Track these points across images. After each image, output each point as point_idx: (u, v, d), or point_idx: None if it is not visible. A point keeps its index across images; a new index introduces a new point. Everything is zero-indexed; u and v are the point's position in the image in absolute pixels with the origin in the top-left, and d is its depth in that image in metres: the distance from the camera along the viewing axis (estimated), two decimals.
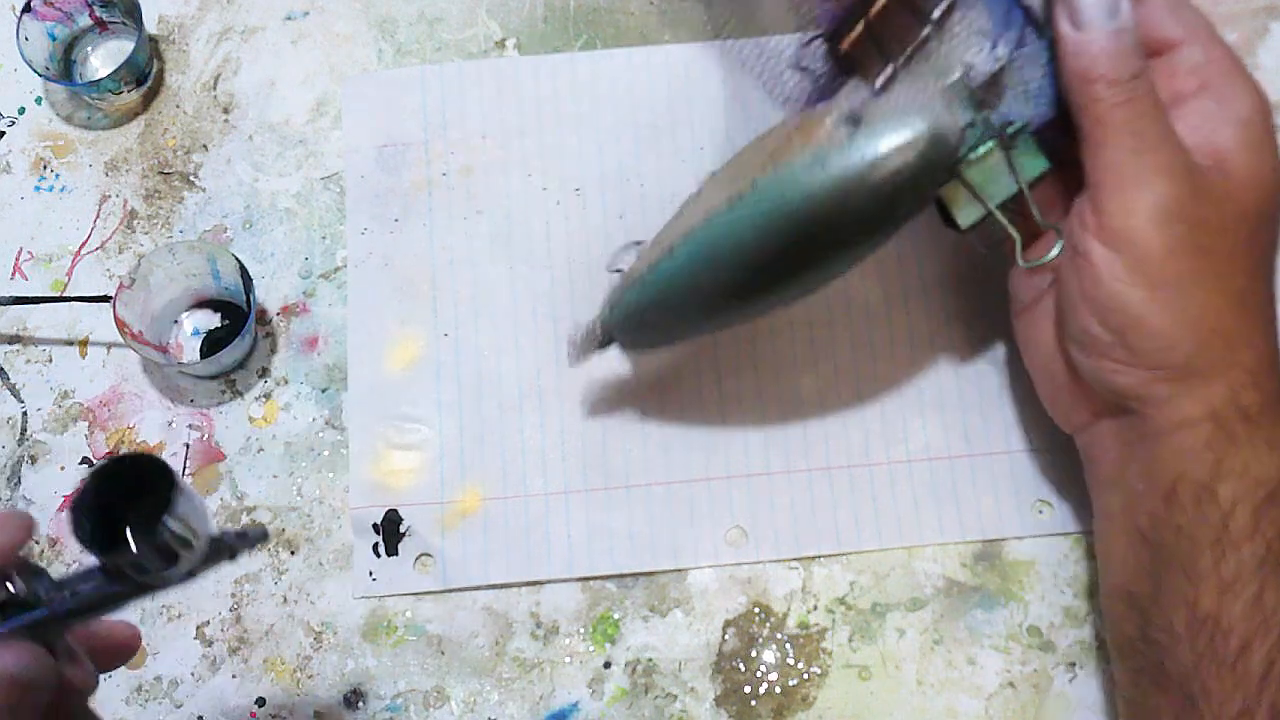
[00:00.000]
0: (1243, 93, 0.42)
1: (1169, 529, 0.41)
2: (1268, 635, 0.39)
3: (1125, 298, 0.41)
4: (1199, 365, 0.41)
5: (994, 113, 0.42)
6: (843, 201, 0.42)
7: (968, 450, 0.52)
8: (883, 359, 0.54)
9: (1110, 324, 0.41)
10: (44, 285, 0.56)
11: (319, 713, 0.50)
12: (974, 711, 0.49)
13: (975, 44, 0.42)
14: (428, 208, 0.56)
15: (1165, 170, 0.40)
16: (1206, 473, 0.41)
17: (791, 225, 0.43)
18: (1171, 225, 0.40)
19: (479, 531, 0.52)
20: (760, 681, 0.50)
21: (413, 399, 0.53)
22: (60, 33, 0.58)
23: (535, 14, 0.59)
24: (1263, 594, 0.39)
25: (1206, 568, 0.40)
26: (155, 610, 0.51)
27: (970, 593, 0.51)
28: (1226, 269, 0.41)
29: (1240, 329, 0.41)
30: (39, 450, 0.54)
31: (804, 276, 0.45)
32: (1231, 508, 0.40)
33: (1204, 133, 0.42)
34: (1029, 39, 0.42)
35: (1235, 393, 0.41)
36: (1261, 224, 0.42)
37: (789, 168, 0.42)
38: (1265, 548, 0.39)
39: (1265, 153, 0.42)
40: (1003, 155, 0.42)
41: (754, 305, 0.46)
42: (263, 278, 0.55)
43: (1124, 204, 0.40)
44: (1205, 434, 0.41)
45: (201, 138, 0.58)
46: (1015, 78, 0.42)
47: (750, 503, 0.52)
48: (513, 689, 0.50)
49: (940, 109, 0.41)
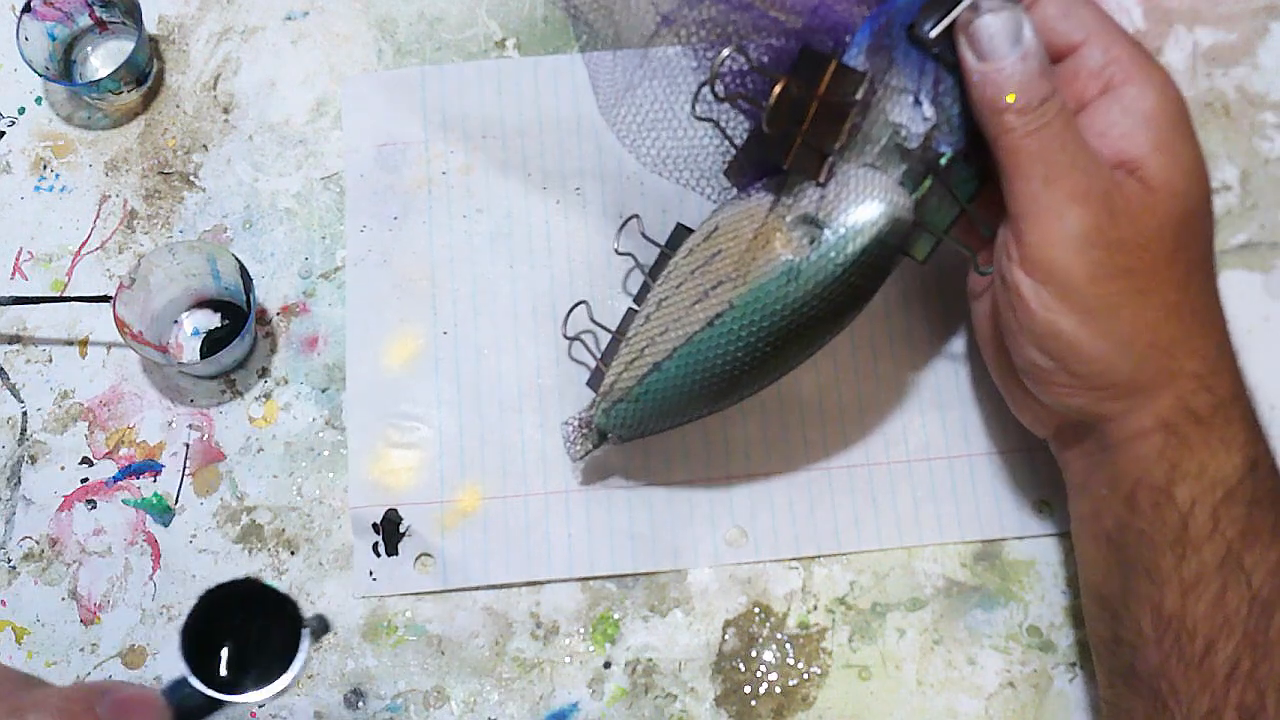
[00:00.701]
0: (1146, 88, 0.42)
1: (1132, 532, 0.41)
2: (1231, 634, 0.39)
3: (1057, 325, 0.41)
4: (1143, 381, 0.41)
5: (927, 152, 0.42)
6: (820, 304, 0.43)
7: (968, 450, 0.52)
8: (883, 359, 0.54)
9: (1048, 351, 0.42)
10: (44, 285, 0.56)
11: (319, 713, 0.50)
12: (974, 711, 0.49)
13: (900, 106, 0.42)
14: (427, 206, 0.56)
15: (1079, 197, 0.40)
16: (1163, 476, 0.41)
17: (774, 334, 0.44)
18: (1091, 252, 0.40)
19: (479, 531, 0.52)
20: (760, 681, 0.50)
21: (412, 397, 0.53)
22: (60, 33, 0.58)
23: (535, 14, 0.59)
24: (1225, 594, 0.39)
25: (1168, 569, 0.40)
26: (155, 610, 0.51)
27: (970, 593, 0.51)
28: (1154, 284, 0.41)
29: (1180, 339, 0.41)
30: (39, 450, 0.54)
31: (790, 365, 0.47)
32: (1190, 509, 0.40)
33: (1112, 139, 0.41)
34: (944, 76, 0.42)
35: (1184, 399, 0.41)
36: (1185, 229, 0.41)
37: (763, 285, 0.44)
38: (1225, 548, 0.40)
39: (1178, 151, 0.41)
40: (941, 185, 0.43)
41: (744, 395, 0.48)
42: (263, 278, 0.55)
43: (1042, 235, 0.40)
44: (1159, 442, 0.41)
45: (201, 138, 0.58)
46: (941, 115, 0.42)
47: (750, 503, 0.52)
48: (513, 689, 0.50)
49: (890, 185, 0.42)
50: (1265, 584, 0.39)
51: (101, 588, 0.52)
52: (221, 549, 0.52)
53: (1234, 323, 0.54)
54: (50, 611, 0.51)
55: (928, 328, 0.54)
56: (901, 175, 0.43)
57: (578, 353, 0.53)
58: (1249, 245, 0.55)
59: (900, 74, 0.42)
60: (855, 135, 0.42)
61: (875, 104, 0.42)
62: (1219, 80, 0.58)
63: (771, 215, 0.44)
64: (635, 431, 0.49)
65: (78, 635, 0.51)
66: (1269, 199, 0.56)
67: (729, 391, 0.47)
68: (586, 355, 0.52)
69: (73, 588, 0.52)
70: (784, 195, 0.44)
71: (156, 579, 0.52)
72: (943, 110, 0.42)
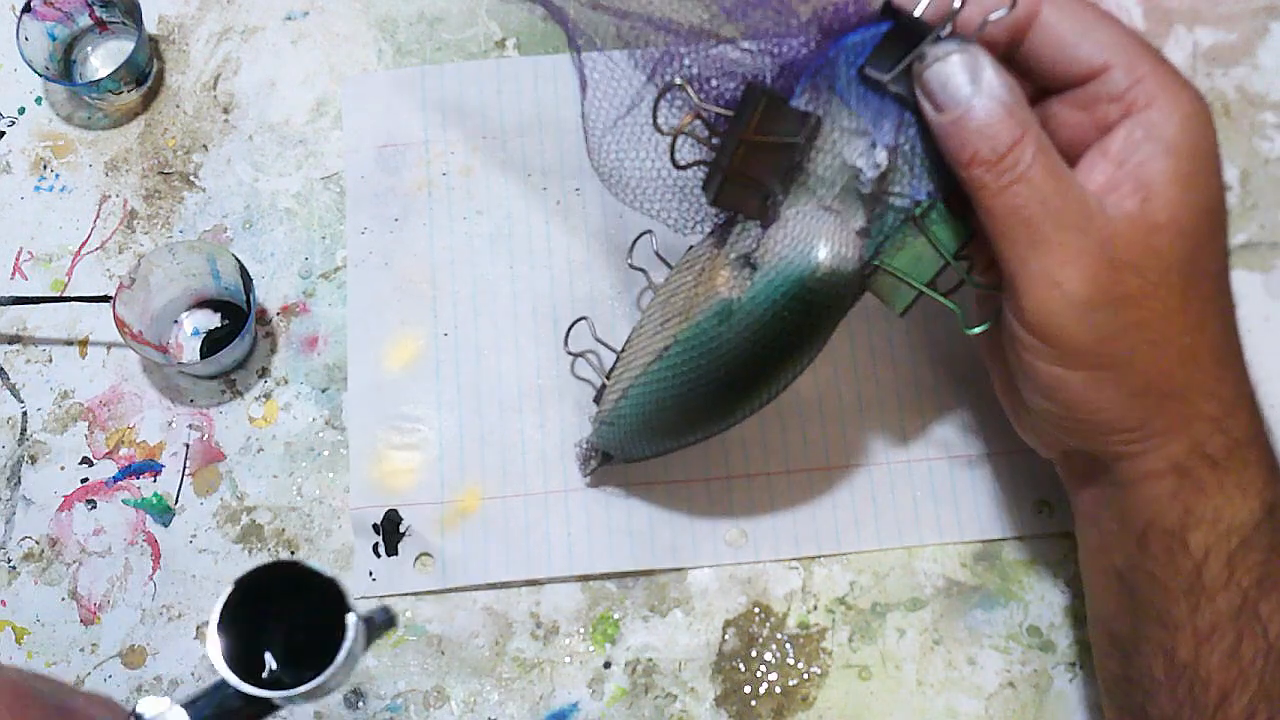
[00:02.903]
0: (1172, 113, 0.38)
1: (1143, 574, 0.40)
2: (1247, 686, 0.38)
3: (1065, 380, 0.39)
4: (1157, 427, 0.39)
5: (895, 198, 0.40)
6: (755, 346, 0.41)
7: (968, 450, 0.52)
8: (882, 360, 0.54)
9: (1055, 400, 0.40)
10: (44, 285, 0.56)
11: (319, 713, 0.50)
12: (974, 711, 0.49)
13: (855, 148, 0.39)
14: (428, 207, 0.56)
15: (1073, 259, 0.37)
16: (1176, 521, 0.39)
17: (713, 371, 0.42)
18: (1094, 315, 0.37)
19: (479, 531, 0.52)
20: (760, 681, 0.50)
21: (413, 398, 0.53)
22: (60, 33, 0.58)
23: (535, 14, 0.59)
24: (1240, 645, 0.38)
25: (1182, 617, 0.39)
26: (155, 610, 0.51)
27: (970, 593, 0.51)
28: (1167, 332, 0.38)
29: (1195, 384, 0.39)
30: (39, 450, 0.54)
31: (749, 403, 0.44)
32: (1204, 557, 0.39)
33: (1130, 167, 0.38)
34: (908, 120, 0.39)
35: (1199, 442, 0.39)
36: (1194, 267, 0.38)
37: (700, 323, 0.42)
38: (1241, 597, 0.38)
39: (1197, 185, 0.38)
40: (919, 234, 0.40)
41: (709, 431, 0.46)
42: (263, 278, 0.55)
43: (1038, 302, 0.38)
44: (1172, 485, 0.39)
45: (201, 138, 0.58)
46: (906, 159, 0.39)
47: (750, 503, 0.52)
48: (513, 689, 0.50)
49: (835, 230, 0.40)
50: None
51: (101, 588, 0.52)
52: (221, 549, 0.52)
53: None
54: (50, 611, 0.51)
55: (928, 328, 0.54)
56: (866, 220, 0.40)
57: (581, 369, 0.53)
58: (1249, 245, 0.56)
59: (854, 116, 0.39)
60: (799, 176, 0.40)
61: (829, 146, 0.40)
62: (1219, 80, 0.58)
63: (720, 252, 0.42)
64: (624, 453, 0.49)
65: (78, 635, 0.51)
66: (1269, 199, 0.56)
67: (685, 426, 0.46)
68: (590, 373, 0.53)
69: (73, 588, 0.52)
70: (733, 232, 0.42)
71: (156, 579, 0.52)
72: (905, 155, 0.39)
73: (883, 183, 0.39)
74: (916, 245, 0.40)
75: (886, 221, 0.40)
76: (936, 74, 0.37)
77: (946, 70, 0.37)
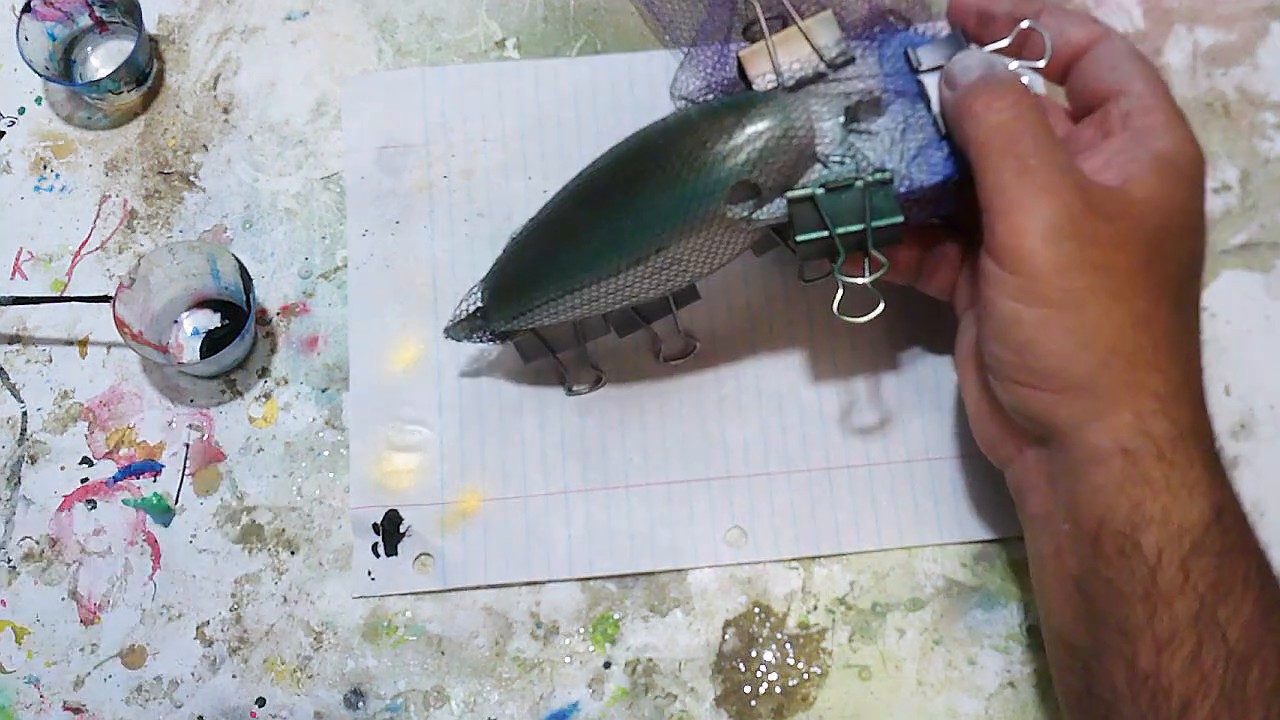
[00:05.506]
0: (1167, 134, 0.42)
1: (1099, 580, 0.40)
2: (1208, 694, 0.37)
3: (1021, 316, 0.40)
4: (1101, 387, 0.40)
5: (866, 149, 0.44)
6: (675, 131, 0.45)
7: (968, 450, 0.52)
8: (882, 359, 0.54)
9: (1010, 342, 0.41)
10: (44, 285, 0.56)
11: (319, 713, 0.50)
12: (974, 711, 0.49)
13: (860, 91, 0.45)
14: (428, 210, 0.56)
15: (1051, 188, 0.40)
16: (1126, 519, 0.39)
17: (634, 150, 0.47)
18: (1061, 243, 0.40)
19: (479, 531, 0.52)
20: (760, 681, 0.50)
21: (413, 400, 0.53)
22: (60, 33, 0.58)
23: (535, 14, 0.59)
24: (1200, 651, 0.38)
25: (1140, 623, 0.39)
26: (155, 610, 0.51)
27: (970, 593, 0.51)
28: (1125, 287, 0.40)
29: (1144, 350, 0.40)
30: (39, 450, 0.54)
31: (608, 232, 0.46)
32: (1158, 560, 0.39)
33: (1116, 166, 0.42)
34: (919, 109, 0.45)
35: (1143, 419, 0.39)
36: (1163, 246, 0.41)
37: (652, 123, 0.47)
38: (1198, 602, 0.38)
39: (1177, 184, 0.41)
40: (861, 195, 0.44)
41: (579, 268, 0.47)
42: (263, 278, 0.55)
43: (1012, 225, 0.40)
44: (1118, 471, 0.39)
45: (201, 138, 0.58)
46: (894, 133, 0.45)
47: (750, 503, 0.52)
48: (513, 689, 0.50)
49: (807, 109, 0.44)
50: (1240, 639, 0.38)
51: (101, 588, 0.52)
52: (221, 549, 0.52)
53: (1234, 323, 0.54)
54: (50, 611, 0.51)
55: (927, 328, 0.54)
56: (832, 137, 0.44)
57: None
58: (1249, 245, 0.56)
59: (878, 75, 0.46)
60: (812, 85, 0.46)
61: (844, 79, 0.46)
62: (1219, 80, 0.58)
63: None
64: (496, 304, 0.49)
65: (78, 635, 0.51)
66: (1269, 199, 0.56)
67: (550, 254, 0.48)
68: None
69: (73, 588, 0.52)
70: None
71: (156, 579, 0.52)
72: (895, 129, 0.45)
73: (861, 130, 0.45)
74: (851, 200, 0.44)
75: (848, 168, 0.44)
76: (961, 60, 0.44)
77: (969, 61, 0.44)
